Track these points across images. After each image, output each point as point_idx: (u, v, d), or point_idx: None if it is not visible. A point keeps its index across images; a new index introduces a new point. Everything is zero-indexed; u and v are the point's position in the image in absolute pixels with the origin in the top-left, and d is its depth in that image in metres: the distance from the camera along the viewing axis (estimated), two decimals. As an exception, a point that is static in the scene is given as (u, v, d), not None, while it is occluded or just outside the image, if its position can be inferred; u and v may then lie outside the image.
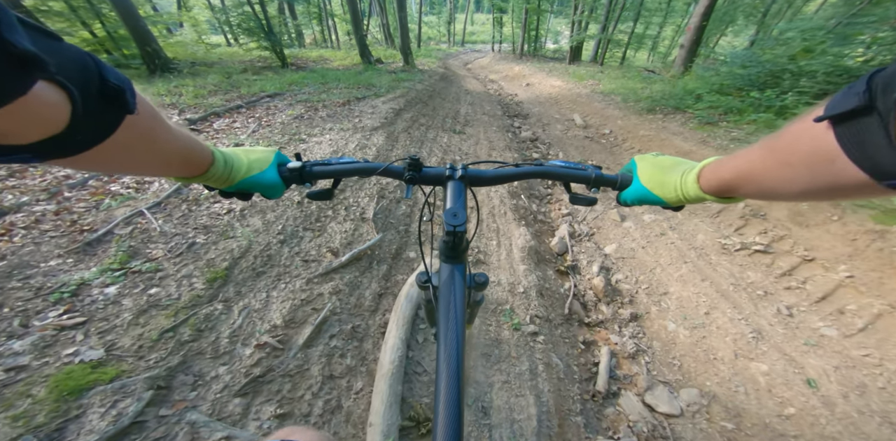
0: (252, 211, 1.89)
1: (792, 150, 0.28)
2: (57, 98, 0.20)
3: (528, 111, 7.10)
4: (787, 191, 0.31)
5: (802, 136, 0.27)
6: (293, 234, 1.84)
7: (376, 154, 2.96)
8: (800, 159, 0.28)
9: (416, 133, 3.90)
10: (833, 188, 0.27)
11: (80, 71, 0.22)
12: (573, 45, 13.62)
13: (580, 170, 0.55)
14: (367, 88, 5.29)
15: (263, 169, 0.49)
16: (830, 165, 0.25)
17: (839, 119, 0.24)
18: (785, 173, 0.30)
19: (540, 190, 3.68)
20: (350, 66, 9.16)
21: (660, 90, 6.43)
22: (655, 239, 2.84)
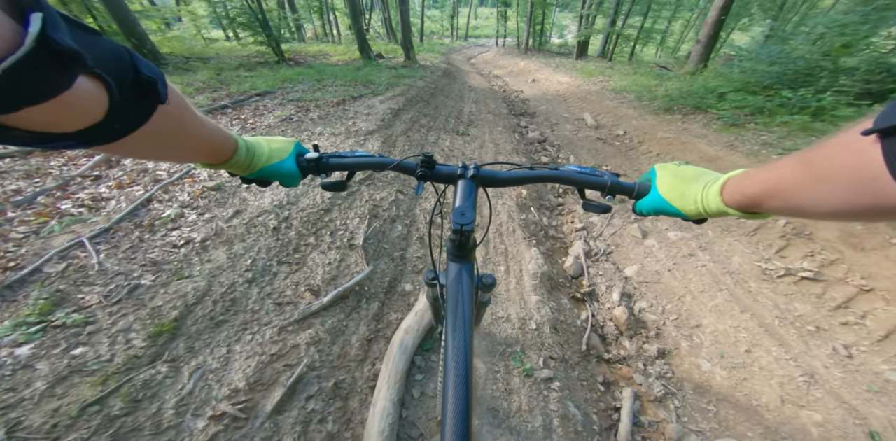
0: (217, 242, 1.60)
1: (830, 164, 0.26)
2: (96, 90, 0.22)
3: (534, 109, 6.74)
4: (820, 208, 0.29)
5: (844, 149, 0.25)
6: (265, 269, 1.55)
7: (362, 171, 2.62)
8: (838, 175, 0.26)
9: (416, 136, 3.59)
10: (871, 208, 0.25)
11: (116, 64, 0.23)
12: (581, 39, 13.13)
13: (596, 176, 0.53)
14: (365, 86, 4.96)
15: (283, 158, 0.50)
16: (872, 183, 0.23)
17: (889, 132, 0.21)
18: (819, 189, 0.28)
19: (550, 199, 3.37)
20: (349, 61, 8.81)
21: (676, 88, 6.05)
22: (683, 260, 2.52)
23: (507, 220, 2.57)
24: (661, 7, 15.96)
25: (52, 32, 0.17)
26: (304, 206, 1.98)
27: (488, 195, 0.64)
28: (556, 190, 3.56)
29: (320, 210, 2.00)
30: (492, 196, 2.90)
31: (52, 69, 0.18)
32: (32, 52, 0.16)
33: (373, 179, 2.47)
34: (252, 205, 1.91)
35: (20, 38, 0.16)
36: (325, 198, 2.09)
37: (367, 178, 2.45)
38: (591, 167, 0.56)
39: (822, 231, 2.41)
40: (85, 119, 0.22)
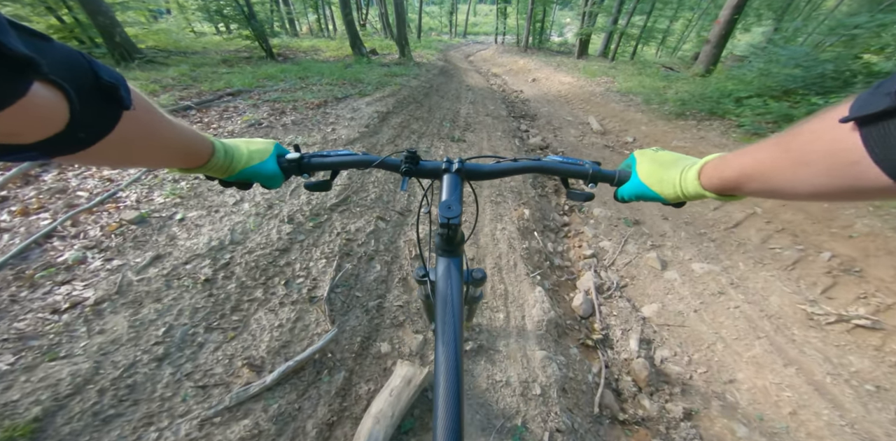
0: (118, 303, 1.19)
1: (810, 149, 0.27)
2: (54, 98, 0.21)
3: (535, 111, 6.36)
4: (800, 190, 0.30)
5: (823, 135, 0.26)
6: (186, 340, 1.16)
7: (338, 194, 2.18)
8: (818, 159, 0.27)
9: (405, 144, 3.19)
10: (852, 190, 0.26)
11: (72, 70, 0.22)
12: (583, 37, 12.74)
13: (578, 165, 0.54)
14: (352, 85, 4.54)
15: (263, 159, 0.49)
16: (852, 167, 0.24)
17: (866, 120, 0.22)
18: (799, 173, 0.29)
19: (555, 218, 3.00)
20: (341, 57, 8.36)
21: (687, 90, 5.70)
22: (712, 299, 2.17)
23: (507, 252, 2.19)
24: (664, 5, 15.61)
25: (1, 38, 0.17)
26: (252, 247, 1.59)
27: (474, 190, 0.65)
28: (560, 207, 3.20)
29: (275, 251, 1.61)
30: (491, 220, 2.53)
31: (3, 76, 0.17)
32: None
33: (348, 205, 2.08)
34: (181, 246, 1.51)
35: None
36: (283, 233, 1.70)
37: (341, 204, 2.06)
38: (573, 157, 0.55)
39: (875, 268, 2.06)
40: (45, 129, 0.22)
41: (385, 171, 2.54)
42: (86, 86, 0.23)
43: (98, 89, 0.24)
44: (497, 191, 2.91)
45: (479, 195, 2.79)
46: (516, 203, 2.83)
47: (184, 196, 1.78)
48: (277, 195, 1.92)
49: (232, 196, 1.81)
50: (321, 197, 2.01)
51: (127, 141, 0.28)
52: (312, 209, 1.92)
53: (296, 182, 2.17)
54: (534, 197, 3.05)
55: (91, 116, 0.24)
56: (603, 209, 3.12)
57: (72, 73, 0.22)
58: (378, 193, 2.28)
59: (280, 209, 1.84)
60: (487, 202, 2.73)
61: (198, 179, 1.92)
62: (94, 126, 0.25)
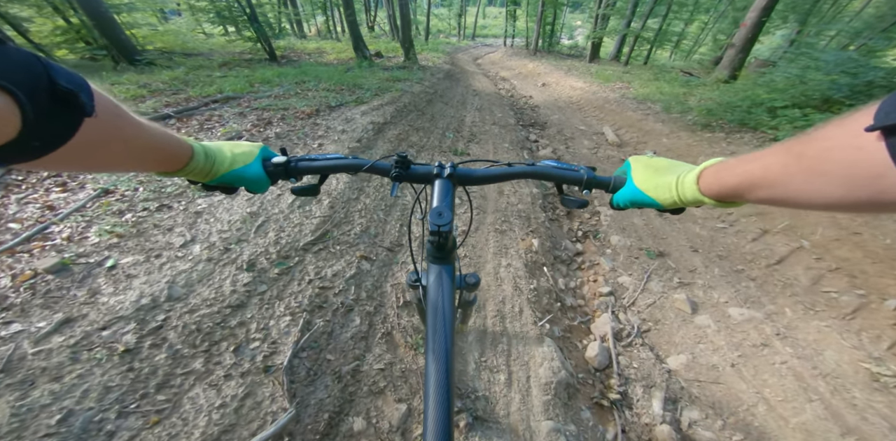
0: (4, 384, 0.90)
1: (827, 158, 0.25)
2: (4, 104, 0.20)
3: (545, 118, 6.01)
4: (813, 201, 0.28)
5: (843, 144, 0.24)
6: (88, 428, 0.86)
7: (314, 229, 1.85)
8: (836, 170, 0.25)
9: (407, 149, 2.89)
10: (874, 203, 0.24)
11: (25, 75, 0.21)
12: (595, 40, 12.34)
13: (573, 171, 0.53)
14: (350, 91, 4.25)
15: (248, 163, 0.48)
16: (876, 180, 0.22)
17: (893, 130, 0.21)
18: (814, 183, 0.27)
19: (567, 247, 2.65)
20: (345, 60, 8.13)
21: (710, 98, 5.30)
22: (754, 352, 1.81)
23: (511, 295, 1.86)
24: (679, 8, 15.13)
25: None
26: (196, 304, 1.28)
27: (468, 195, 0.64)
28: (574, 233, 2.85)
29: (226, 308, 1.30)
30: (495, 254, 2.19)
31: None
32: None
33: (326, 242, 1.77)
34: (102, 305, 1.21)
35: None
36: (240, 285, 1.39)
37: (318, 242, 1.75)
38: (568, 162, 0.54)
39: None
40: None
41: (375, 198, 2.23)
42: (40, 92, 0.22)
43: (54, 95, 0.23)
44: (502, 217, 2.57)
45: (483, 222, 2.46)
46: (524, 231, 2.49)
47: (123, 235, 1.48)
48: (239, 233, 1.61)
49: (180, 235, 1.50)
50: (293, 234, 1.70)
51: (91, 147, 0.27)
52: (281, 250, 1.60)
53: (280, 188, 1.86)
54: (544, 222, 2.71)
55: (47, 124, 0.23)
56: (621, 237, 2.76)
57: (25, 78, 0.21)
58: (364, 225, 1.96)
59: (239, 252, 1.53)
60: (491, 231, 2.40)
61: (147, 210, 1.62)
62: (51, 134, 0.24)
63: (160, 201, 1.68)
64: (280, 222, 1.73)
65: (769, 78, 4.88)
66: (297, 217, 1.79)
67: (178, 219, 1.59)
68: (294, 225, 1.76)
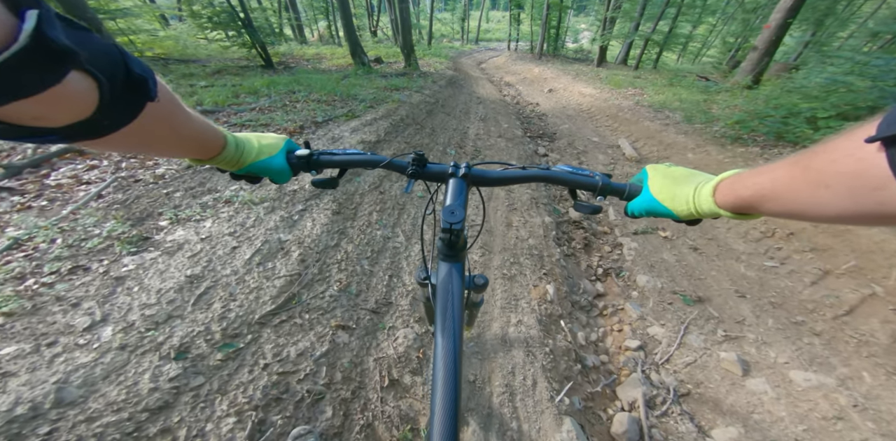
0: None
1: (831, 170, 0.25)
2: (86, 86, 0.22)
3: (554, 128, 5.62)
4: (819, 213, 0.28)
5: (846, 155, 0.24)
6: None
7: (277, 294, 1.53)
8: (840, 182, 0.25)
9: (395, 188, 2.48)
10: (877, 215, 0.24)
11: (107, 61, 0.24)
12: (604, 44, 11.96)
13: (587, 176, 0.53)
14: (343, 102, 3.89)
15: (273, 154, 0.49)
16: (877, 192, 0.22)
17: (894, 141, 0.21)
18: (819, 195, 0.27)
19: (586, 289, 2.24)
20: (344, 66, 7.82)
21: (735, 106, 4.86)
22: (824, 426, 1.43)
23: (523, 363, 1.46)
24: (688, 9, 14.71)
25: (46, 29, 0.18)
26: (97, 409, 0.90)
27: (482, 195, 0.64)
28: (592, 270, 2.44)
29: (143, 411, 0.93)
30: (503, 309, 1.80)
31: (43, 65, 0.18)
32: (26, 48, 0.17)
33: (291, 310, 1.38)
34: None
35: (15, 34, 0.17)
36: (164, 379, 1.01)
37: (281, 310, 1.36)
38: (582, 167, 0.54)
39: None
40: (73, 115, 0.22)
41: (360, 242, 1.84)
42: (118, 77, 0.24)
43: (128, 81, 0.25)
44: (511, 257, 2.17)
45: (488, 265, 2.07)
46: (536, 275, 2.08)
47: (12, 313, 1.10)
48: (171, 308, 1.22)
49: (88, 313, 1.12)
50: (247, 303, 1.31)
51: (147, 130, 0.30)
52: (228, 328, 1.21)
53: (232, 249, 1.48)
54: (558, 260, 2.30)
55: (118, 106, 0.25)
56: (650, 277, 2.34)
57: (106, 64, 0.23)
58: (344, 281, 1.57)
59: (168, 333, 1.14)
60: (498, 277, 1.99)
61: (55, 274, 1.24)
62: (118, 115, 0.26)
63: (76, 260, 1.30)
64: (230, 288, 1.34)
65: (800, 83, 4.44)
66: (255, 278, 1.40)
67: (91, 287, 1.21)
68: (249, 290, 1.37)
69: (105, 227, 1.47)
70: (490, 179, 0.54)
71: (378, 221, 2.05)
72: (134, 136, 0.29)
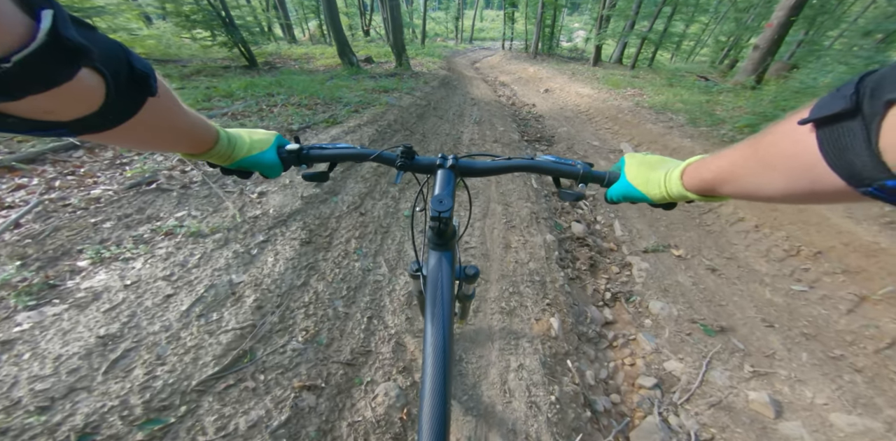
0: None
1: (773, 151, 0.27)
2: (95, 82, 0.23)
3: (552, 132, 5.37)
4: (766, 192, 0.30)
5: (785, 138, 0.26)
6: None
7: (225, 350, 1.23)
8: (780, 162, 0.27)
9: (378, 208, 2.19)
10: (811, 193, 0.26)
11: (113, 58, 0.25)
12: (599, 43, 11.76)
13: (569, 165, 0.55)
14: (326, 106, 3.59)
15: (264, 149, 0.50)
16: (810, 170, 0.24)
17: (823, 122, 0.22)
18: (765, 175, 0.29)
19: (593, 317, 2.00)
20: (332, 66, 7.50)
21: (740, 107, 4.65)
22: None
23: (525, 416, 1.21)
24: (682, 7, 14.58)
25: (62, 28, 0.18)
26: None
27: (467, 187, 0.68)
28: (599, 295, 2.18)
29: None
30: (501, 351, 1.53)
31: (59, 62, 0.19)
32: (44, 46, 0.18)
33: (243, 370, 1.09)
34: None
35: (33, 33, 0.18)
36: None
37: (225, 374, 1.07)
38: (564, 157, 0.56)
39: None
40: (82, 109, 0.24)
41: (334, 278, 1.55)
42: (122, 73, 0.25)
43: (131, 76, 0.26)
44: (510, 286, 1.90)
45: (484, 298, 1.80)
46: (539, 306, 1.82)
47: None
48: (74, 379, 0.93)
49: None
50: (182, 366, 1.02)
51: (147, 125, 0.31)
52: (154, 399, 0.93)
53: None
54: (563, 286, 2.04)
55: (122, 100, 0.26)
56: (664, 303, 2.10)
57: (112, 61, 0.24)
58: (312, 330, 1.28)
59: (70, 409, 0.86)
60: (496, 312, 1.72)
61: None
62: (122, 109, 0.27)
63: (-49, 320, 1.01)
64: (158, 348, 1.05)
65: (806, 83, 4.24)
66: (194, 334, 1.11)
67: (-39, 360, 0.92)
68: (185, 350, 1.09)
69: (4, 271, 1.16)
70: (477, 170, 0.55)
71: (357, 250, 1.77)
72: (135, 130, 0.30)
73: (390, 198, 2.33)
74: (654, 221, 2.87)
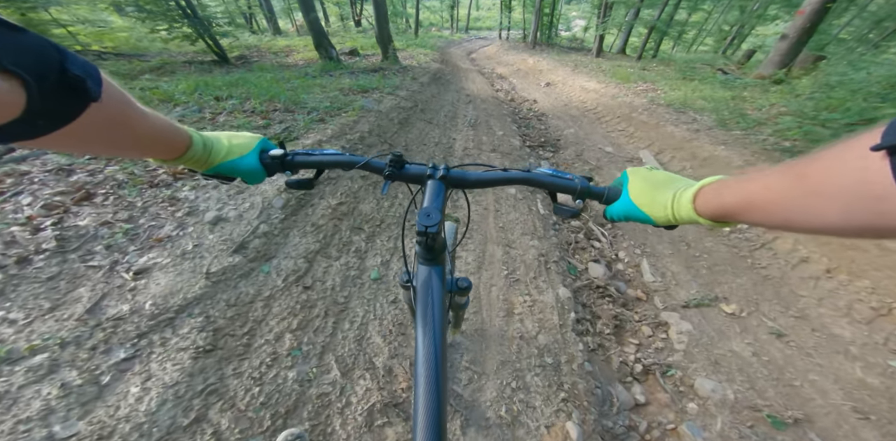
0: None
1: (829, 179, 0.24)
2: (11, 87, 0.22)
3: (557, 133, 4.74)
4: (811, 224, 0.27)
5: (846, 164, 0.23)
6: None
7: None
8: (837, 191, 0.24)
9: (334, 277, 1.57)
10: (872, 227, 0.23)
11: (37, 61, 0.23)
12: (602, 32, 10.97)
13: (567, 179, 0.52)
14: (285, 114, 2.94)
15: (244, 154, 0.48)
16: (877, 203, 0.21)
17: None
18: (813, 204, 0.26)
19: (620, 399, 1.42)
20: (313, 60, 6.78)
21: (774, 105, 4.03)
22: None
23: None
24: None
25: None
26: None
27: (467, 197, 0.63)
28: (626, 367, 1.62)
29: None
30: None
31: None
32: None
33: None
34: None
35: None
36: None
37: None
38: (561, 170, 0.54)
39: None
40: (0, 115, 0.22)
41: (245, 411, 0.96)
42: (50, 76, 0.24)
43: (63, 80, 0.24)
44: (512, 374, 1.31)
45: (477, 401, 1.22)
46: (551, 405, 1.24)
47: None
48: None
49: None
50: None
51: (93, 131, 0.29)
52: None
53: None
54: (582, 365, 1.47)
55: (52, 106, 0.25)
56: (715, 382, 1.56)
57: (36, 64, 0.23)
58: None
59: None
60: (492, 424, 1.14)
61: None
62: (55, 115, 0.25)
63: None
64: None
65: (860, 76, 3.59)
66: None
67: None
68: None
69: None
70: (469, 181, 0.53)
71: (293, 351, 1.18)
72: (79, 137, 0.29)
73: (353, 253, 1.71)
74: (691, 261, 2.29)
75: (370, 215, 2.00)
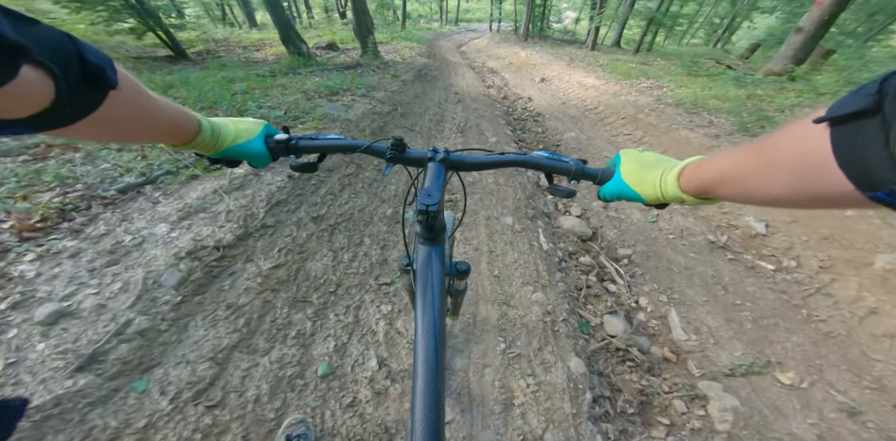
0: None
1: (780, 150, 0.26)
2: (41, 78, 0.22)
3: (556, 137, 4.25)
4: (767, 194, 0.29)
5: (794, 136, 0.25)
6: None
7: None
8: (785, 161, 0.26)
9: (267, 376, 1.06)
10: (815, 196, 0.25)
11: (59, 52, 0.23)
12: (598, 24, 10.43)
13: (562, 161, 0.54)
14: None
15: (250, 138, 0.50)
16: (817, 171, 0.23)
17: (839, 121, 0.21)
18: (767, 175, 0.28)
19: None
20: (285, 55, 6.12)
21: (798, 104, 3.59)
22: None
23: None
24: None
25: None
26: None
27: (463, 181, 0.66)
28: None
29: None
30: None
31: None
32: None
33: None
34: None
35: None
36: None
37: None
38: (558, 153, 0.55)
39: None
40: (31, 106, 0.23)
41: None
42: (72, 66, 0.24)
43: (84, 69, 0.25)
44: None
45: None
46: None
47: None
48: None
49: None
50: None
51: (113, 118, 0.30)
52: None
53: None
54: None
55: (77, 95, 0.25)
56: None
57: (58, 54, 0.23)
58: None
59: None
60: None
61: None
62: (80, 104, 0.26)
63: None
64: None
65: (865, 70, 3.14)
66: None
67: None
68: None
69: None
70: (468, 164, 0.55)
71: None
72: (101, 125, 0.29)
73: (291, 339, 1.17)
74: (731, 311, 1.83)
75: (321, 278, 1.46)
